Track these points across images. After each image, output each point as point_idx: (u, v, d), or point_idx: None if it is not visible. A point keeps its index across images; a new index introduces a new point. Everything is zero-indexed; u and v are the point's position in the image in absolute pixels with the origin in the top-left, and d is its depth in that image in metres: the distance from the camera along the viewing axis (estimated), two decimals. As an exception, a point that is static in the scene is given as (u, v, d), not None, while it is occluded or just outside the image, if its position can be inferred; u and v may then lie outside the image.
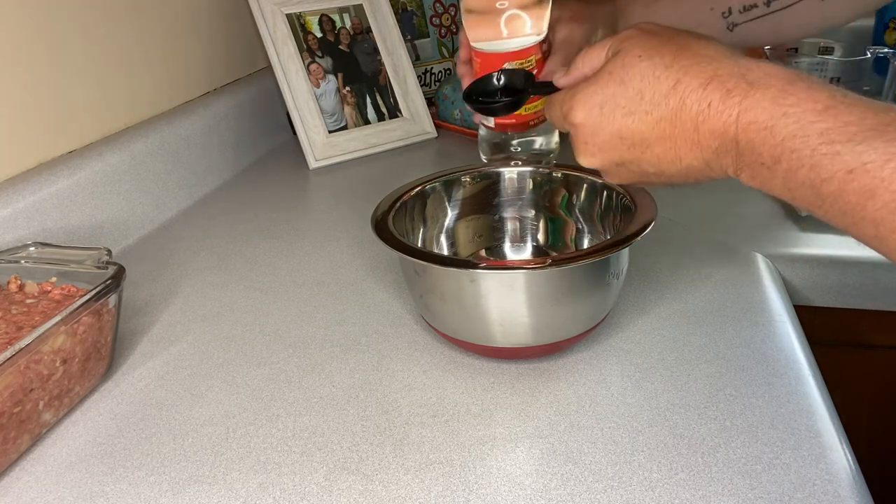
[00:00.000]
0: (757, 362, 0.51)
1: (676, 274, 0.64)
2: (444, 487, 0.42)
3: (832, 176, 0.34)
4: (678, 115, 0.40)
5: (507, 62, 0.60)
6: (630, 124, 0.42)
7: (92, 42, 0.76)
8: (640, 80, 0.41)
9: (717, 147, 0.39)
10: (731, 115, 0.38)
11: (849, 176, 0.34)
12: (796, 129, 0.35)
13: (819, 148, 0.35)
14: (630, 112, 0.42)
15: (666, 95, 0.40)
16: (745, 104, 0.37)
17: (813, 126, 0.35)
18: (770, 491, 0.40)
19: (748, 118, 0.37)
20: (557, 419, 0.47)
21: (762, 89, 0.37)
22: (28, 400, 0.46)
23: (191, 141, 0.89)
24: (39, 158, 0.71)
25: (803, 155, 0.35)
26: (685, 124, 0.40)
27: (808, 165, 0.35)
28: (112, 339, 0.54)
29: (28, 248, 0.58)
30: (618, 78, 0.42)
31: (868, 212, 0.34)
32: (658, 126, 0.41)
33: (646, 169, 0.44)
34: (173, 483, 0.44)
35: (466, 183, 0.64)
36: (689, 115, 0.39)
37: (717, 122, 0.38)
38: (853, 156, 0.33)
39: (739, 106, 0.38)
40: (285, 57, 0.97)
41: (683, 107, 0.40)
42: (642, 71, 0.41)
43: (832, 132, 0.34)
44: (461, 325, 0.52)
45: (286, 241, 0.77)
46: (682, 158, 0.41)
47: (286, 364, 0.55)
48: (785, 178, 0.37)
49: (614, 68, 0.43)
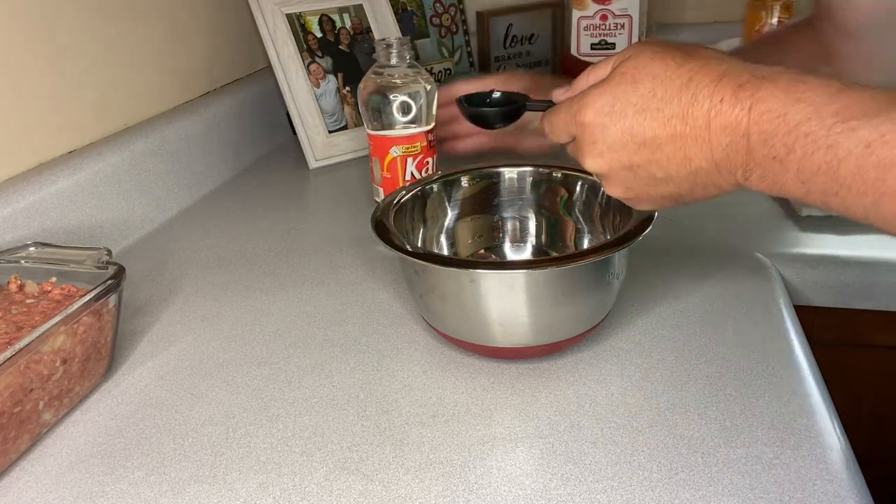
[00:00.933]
0: (757, 362, 0.51)
1: (676, 274, 0.64)
2: (444, 487, 0.42)
3: (849, 154, 0.34)
4: (690, 111, 0.40)
5: (395, 145, 0.74)
6: (641, 121, 0.41)
7: (92, 42, 0.76)
8: (652, 79, 0.41)
9: (728, 144, 0.39)
10: (743, 107, 0.38)
11: (867, 150, 0.33)
12: (811, 112, 0.35)
13: (835, 127, 0.34)
14: (642, 109, 0.41)
15: (678, 92, 0.40)
16: (758, 95, 0.37)
17: (827, 108, 0.35)
18: (770, 491, 0.40)
19: (760, 109, 0.37)
20: (557, 419, 0.47)
21: (774, 81, 0.37)
22: (28, 400, 0.46)
23: (191, 141, 0.89)
24: (39, 158, 0.71)
25: (819, 136, 0.35)
26: (697, 121, 0.39)
27: (825, 147, 0.35)
28: (112, 339, 0.54)
29: (28, 248, 0.58)
30: (630, 77, 0.42)
31: (889, 185, 0.33)
32: (669, 124, 0.40)
33: (654, 173, 0.43)
34: (173, 483, 0.44)
35: (466, 183, 0.64)
36: (701, 110, 0.39)
37: (729, 116, 0.38)
38: (870, 129, 0.33)
39: (752, 98, 0.37)
40: (285, 57, 0.97)
41: (695, 102, 0.39)
42: (654, 70, 0.41)
43: (847, 110, 0.34)
44: (461, 325, 0.52)
45: (286, 241, 0.77)
46: (691, 159, 0.41)
47: (286, 364, 0.55)
48: (799, 169, 0.36)
49: (626, 69, 0.42)
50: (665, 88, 0.40)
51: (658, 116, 0.41)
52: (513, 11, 1.22)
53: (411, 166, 0.76)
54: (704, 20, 1.25)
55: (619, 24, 1.02)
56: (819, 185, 0.36)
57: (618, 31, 1.03)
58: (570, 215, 0.63)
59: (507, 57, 1.24)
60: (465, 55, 1.24)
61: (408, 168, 0.76)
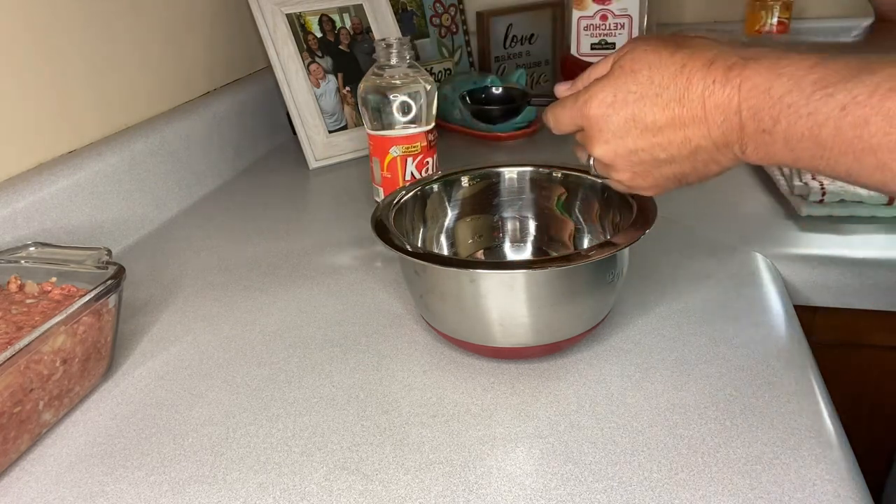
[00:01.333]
0: (757, 362, 0.51)
1: (676, 274, 0.64)
2: (444, 487, 0.42)
3: (827, 118, 0.37)
4: (686, 94, 0.42)
5: (395, 145, 0.74)
6: (642, 107, 0.44)
7: (92, 42, 0.76)
8: (648, 68, 0.44)
9: (723, 122, 0.41)
10: (733, 86, 0.40)
11: (842, 112, 0.36)
12: (791, 85, 0.38)
13: (814, 95, 0.37)
14: (641, 96, 0.44)
15: (674, 77, 0.43)
16: (745, 74, 0.40)
17: (806, 78, 0.38)
18: (770, 491, 0.40)
19: (748, 86, 0.40)
20: (557, 419, 0.47)
21: (758, 60, 0.40)
22: (28, 400, 0.46)
23: (191, 141, 0.89)
24: (39, 158, 0.71)
25: (800, 105, 0.38)
26: (692, 102, 0.42)
27: (806, 114, 0.37)
28: (112, 339, 0.54)
29: (28, 248, 0.58)
30: (628, 69, 0.45)
31: (866, 141, 0.35)
32: (668, 108, 0.43)
33: (657, 155, 0.45)
34: (173, 483, 0.44)
35: (466, 183, 0.64)
36: (695, 92, 0.42)
37: (721, 95, 0.41)
38: (844, 93, 0.36)
39: (739, 77, 0.40)
40: (285, 57, 0.97)
41: (690, 85, 0.42)
42: (650, 60, 0.44)
43: (824, 79, 0.37)
44: (461, 325, 0.52)
45: (286, 241, 0.77)
46: (690, 139, 0.43)
47: (286, 364, 0.55)
48: (786, 138, 0.39)
49: (624, 63, 0.45)
50: (661, 75, 0.43)
51: (657, 102, 0.44)
52: (513, 11, 1.22)
53: (411, 166, 0.76)
54: (704, 20, 1.25)
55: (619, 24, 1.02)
56: (806, 151, 0.39)
57: (618, 31, 1.03)
58: (570, 215, 0.63)
59: (507, 57, 1.24)
60: (465, 55, 1.24)
61: (408, 168, 0.76)
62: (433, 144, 0.77)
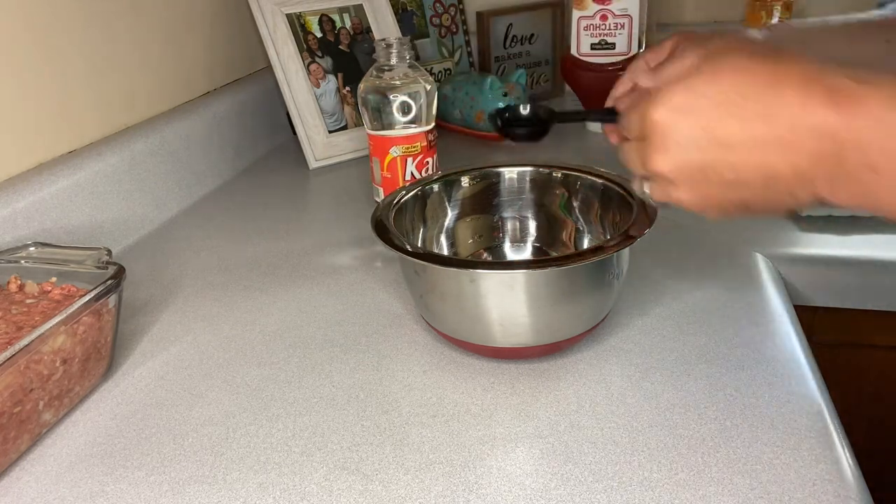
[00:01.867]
0: (757, 362, 0.51)
1: (676, 274, 0.64)
2: (444, 487, 0.42)
3: None
4: (774, 110, 0.36)
5: (395, 145, 0.75)
6: (718, 117, 0.38)
7: (92, 42, 0.76)
8: (733, 73, 0.38)
9: (814, 150, 0.35)
10: (839, 111, 0.34)
11: None
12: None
13: None
14: (719, 104, 0.38)
15: (763, 90, 0.37)
16: (856, 97, 0.34)
17: None
18: (770, 491, 0.40)
19: (859, 112, 0.34)
20: (557, 419, 0.47)
21: (875, 84, 0.34)
22: (28, 400, 0.46)
23: (191, 141, 0.89)
24: (39, 158, 0.71)
25: None
26: (780, 121, 0.36)
27: None
28: (112, 339, 0.54)
29: (28, 248, 0.58)
30: (709, 71, 0.39)
31: None
32: (749, 123, 0.37)
33: (723, 174, 0.38)
34: (173, 483, 0.44)
35: (466, 183, 0.64)
36: (787, 111, 0.36)
37: (818, 118, 0.35)
38: None
39: (850, 99, 0.34)
40: (285, 57, 0.97)
41: (781, 102, 0.36)
42: (737, 64, 0.38)
43: None
44: (461, 325, 0.52)
45: (286, 241, 0.77)
46: (768, 164, 0.37)
47: (286, 364, 0.55)
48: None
49: (704, 65, 0.39)
50: (748, 84, 0.37)
51: (737, 113, 0.37)
52: (513, 11, 1.22)
53: (411, 166, 0.76)
54: (704, 20, 1.25)
55: (619, 24, 1.02)
56: None
57: (618, 31, 1.02)
58: (570, 215, 0.63)
59: (507, 57, 1.24)
60: (465, 55, 1.24)
61: (408, 168, 0.76)
62: (433, 144, 0.77)
